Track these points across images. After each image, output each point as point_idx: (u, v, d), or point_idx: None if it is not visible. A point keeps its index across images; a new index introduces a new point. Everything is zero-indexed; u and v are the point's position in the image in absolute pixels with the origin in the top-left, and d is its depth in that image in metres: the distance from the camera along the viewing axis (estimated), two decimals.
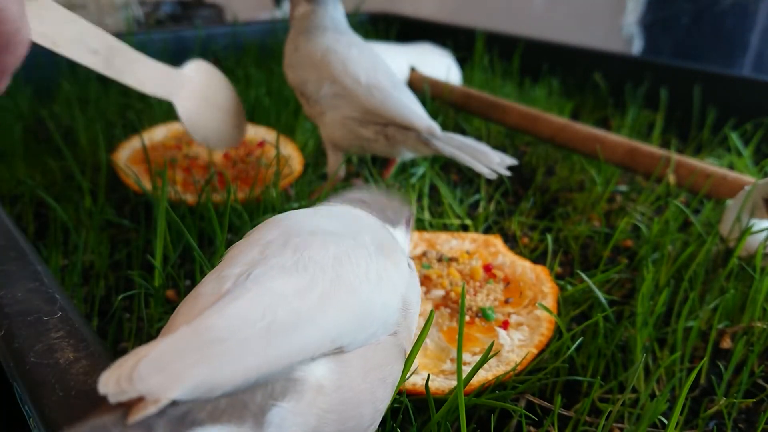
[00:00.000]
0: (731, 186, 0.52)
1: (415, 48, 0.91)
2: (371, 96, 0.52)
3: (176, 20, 1.54)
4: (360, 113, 0.53)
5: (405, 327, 0.28)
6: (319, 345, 0.22)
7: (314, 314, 0.23)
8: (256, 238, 0.27)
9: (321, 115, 0.55)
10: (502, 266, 0.46)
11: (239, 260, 0.25)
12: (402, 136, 0.53)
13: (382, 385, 0.25)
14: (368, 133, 0.53)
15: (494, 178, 0.48)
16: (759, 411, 0.37)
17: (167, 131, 0.67)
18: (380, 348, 0.26)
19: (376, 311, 0.25)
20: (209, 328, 0.21)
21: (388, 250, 0.29)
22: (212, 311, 0.21)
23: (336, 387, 0.23)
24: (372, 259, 0.27)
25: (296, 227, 0.27)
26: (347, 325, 0.24)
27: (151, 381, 0.18)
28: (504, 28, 1.03)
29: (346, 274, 0.25)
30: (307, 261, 0.24)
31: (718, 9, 0.94)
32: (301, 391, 0.22)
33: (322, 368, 0.23)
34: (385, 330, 0.26)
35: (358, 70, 0.53)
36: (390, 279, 0.27)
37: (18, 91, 0.80)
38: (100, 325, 0.43)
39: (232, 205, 0.47)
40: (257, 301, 0.22)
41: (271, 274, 0.23)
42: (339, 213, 0.31)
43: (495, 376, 0.35)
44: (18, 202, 0.58)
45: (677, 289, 0.45)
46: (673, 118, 0.80)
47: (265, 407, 0.21)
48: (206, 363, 0.19)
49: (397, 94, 0.53)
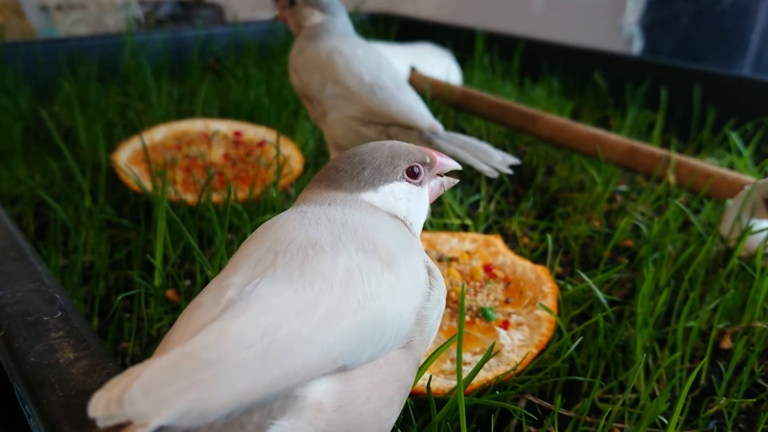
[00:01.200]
0: (731, 186, 0.52)
1: (415, 48, 0.91)
2: (373, 95, 0.52)
3: (176, 20, 1.54)
4: (362, 113, 0.53)
5: (420, 340, 0.26)
6: (319, 366, 0.21)
7: (316, 335, 0.21)
8: (264, 240, 0.25)
9: (323, 115, 0.55)
10: (502, 266, 0.46)
11: (243, 268, 0.24)
12: (404, 136, 0.52)
13: (388, 404, 0.24)
14: (370, 133, 0.53)
15: (496, 177, 0.48)
16: (759, 411, 0.37)
17: (167, 131, 0.67)
18: (388, 364, 0.24)
19: (386, 326, 0.24)
20: (203, 349, 0.20)
21: (404, 258, 0.27)
22: (208, 330, 0.20)
23: (337, 406, 0.22)
24: (385, 271, 0.25)
25: (307, 232, 0.26)
26: (352, 345, 0.22)
27: (140, 405, 0.18)
28: (504, 28, 1.03)
29: (355, 290, 0.23)
30: (314, 274, 0.23)
31: (718, 9, 0.94)
32: (300, 409, 0.21)
33: (324, 386, 0.22)
34: (395, 343, 0.25)
35: (362, 69, 0.53)
36: (404, 291, 0.25)
37: (18, 91, 0.80)
38: (100, 325, 0.43)
39: (232, 204, 0.47)
40: (256, 320, 0.21)
41: (275, 289, 0.22)
42: (353, 215, 0.28)
43: (495, 376, 0.35)
44: (18, 202, 0.58)
45: (677, 289, 0.45)
46: (673, 118, 0.80)
47: (263, 426, 0.20)
48: (197, 388, 0.19)
49: (400, 93, 0.53)
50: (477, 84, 0.89)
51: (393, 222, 0.30)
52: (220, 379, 0.19)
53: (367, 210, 0.29)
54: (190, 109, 0.77)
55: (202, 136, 0.66)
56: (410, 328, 0.26)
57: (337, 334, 0.22)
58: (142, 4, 1.47)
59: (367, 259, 0.25)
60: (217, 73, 0.95)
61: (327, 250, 0.25)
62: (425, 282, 0.27)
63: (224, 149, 0.64)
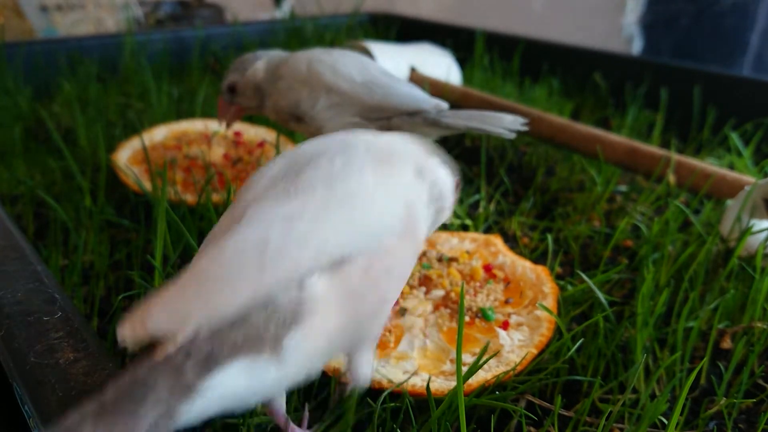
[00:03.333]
0: (731, 186, 0.52)
1: (415, 48, 0.91)
2: (372, 92, 0.51)
3: (176, 20, 1.54)
4: (362, 114, 0.51)
5: (410, 227, 0.29)
6: (315, 262, 0.24)
7: (306, 234, 0.24)
8: (265, 170, 0.28)
9: (320, 130, 0.53)
10: (502, 266, 0.46)
11: (245, 195, 0.27)
12: (409, 124, 0.51)
13: (386, 275, 0.27)
14: (374, 128, 0.52)
15: (513, 137, 0.48)
16: (759, 411, 0.37)
17: (167, 131, 0.67)
18: (383, 248, 0.27)
19: (374, 217, 0.26)
20: (207, 266, 0.23)
21: (389, 158, 0.29)
22: (211, 250, 0.23)
23: (342, 296, 0.24)
24: (370, 170, 0.28)
25: (302, 155, 0.29)
26: (342, 239, 0.25)
27: (161, 323, 0.20)
28: (504, 28, 1.03)
29: (340, 190, 0.26)
30: (300, 185, 0.26)
31: (718, 9, 0.94)
32: (310, 312, 0.23)
33: (325, 283, 0.24)
34: (387, 233, 0.27)
35: (350, 70, 0.52)
36: (387, 185, 0.28)
37: (18, 91, 0.80)
38: (100, 325, 0.43)
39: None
40: (251, 232, 0.24)
41: (268, 204, 0.25)
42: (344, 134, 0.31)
43: (494, 376, 0.35)
44: (18, 202, 0.58)
45: (677, 289, 0.45)
46: (673, 118, 0.80)
47: (280, 335, 0.23)
48: (206, 299, 0.21)
49: (395, 83, 0.52)
50: (477, 84, 0.89)
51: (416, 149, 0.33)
52: (223, 286, 0.22)
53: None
54: (190, 109, 0.77)
55: (202, 137, 0.66)
56: (401, 219, 0.28)
57: (327, 231, 0.24)
58: (142, 4, 1.47)
59: (349, 160, 0.28)
60: (217, 73, 0.95)
61: (313, 160, 0.27)
62: (411, 180, 0.30)
63: (224, 149, 0.64)
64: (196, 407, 0.20)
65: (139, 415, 0.19)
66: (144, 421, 0.19)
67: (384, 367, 0.36)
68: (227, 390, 0.21)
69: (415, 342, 0.38)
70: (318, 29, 1.05)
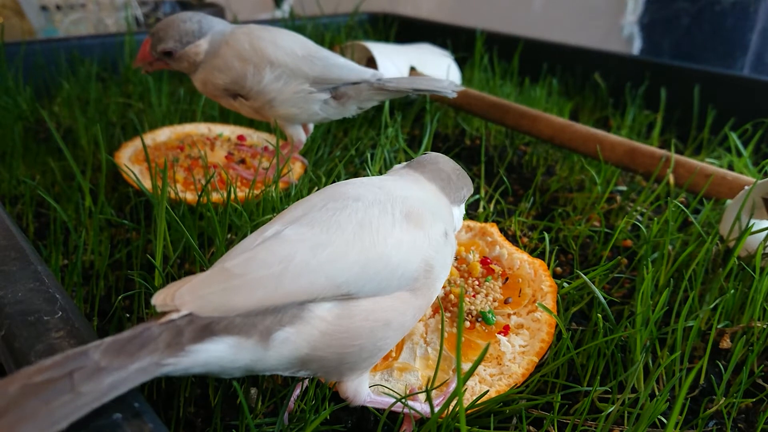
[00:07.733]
0: (731, 186, 0.52)
1: (415, 48, 0.91)
2: (313, 65, 0.54)
3: None
4: (309, 83, 0.55)
5: (426, 285, 0.31)
6: (323, 289, 0.27)
7: (323, 265, 0.27)
8: (306, 200, 0.32)
9: (268, 103, 0.56)
10: (499, 258, 0.45)
11: (285, 217, 0.30)
12: (354, 91, 0.56)
13: (384, 327, 0.29)
14: (323, 95, 0.56)
15: (455, 96, 0.54)
16: (758, 411, 0.37)
17: (171, 133, 0.68)
18: (392, 298, 0.29)
19: (391, 268, 0.29)
20: (235, 266, 0.26)
21: (419, 219, 0.31)
22: (243, 255, 0.27)
23: (337, 319, 0.28)
24: (395, 225, 0.30)
25: (339, 194, 0.32)
26: (354, 276, 0.28)
27: (185, 300, 0.25)
28: (504, 28, 1.03)
29: (364, 237, 0.29)
30: (332, 223, 0.29)
31: (718, 9, 0.94)
32: (305, 320, 0.27)
33: (329, 305, 0.28)
34: (400, 285, 0.30)
35: (291, 45, 0.55)
36: (413, 242, 0.30)
37: (18, 91, 0.80)
38: (100, 325, 0.43)
39: (232, 204, 0.48)
40: (278, 250, 0.27)
41: (299, 231, 0.28)
42: (384, 183, 0.34)
43: (498, 392, 0.35)
44: (18, 202, 0.58)
45: (677, 289, 0.45)
46: (673, 118, 0.80)
47: (272, 329, 0.26)
48: (225, 292, 0.26)
49: (333, 57, 0.56)
50: (477, 84, 0.89)
51: (433, 191, 0.36)
52: (242, 288, 0.26)
53: (420, 187, 0.36)
54: (191, 110, 0.77)
55: (205, 139, 0.66)
56: (416, 274, 0.30)
57: (342, 266, 0.28)
58: (142, 4, 1.47)
59: (381, 215, 0.30)
60: None
61: (349, 205, 0.30)
62: (438, 242, 0.32)
63: (227, 151, 0.64)
64: (182, 363, 0.24)
65: (136, 357, 0.23)
66: (138, 363, 0.23)
67: (388, 381, 0.36)
68: (212, 357, 0.25)
69: (417, 350, 0.38)
70: (318, 29, 1.05)
